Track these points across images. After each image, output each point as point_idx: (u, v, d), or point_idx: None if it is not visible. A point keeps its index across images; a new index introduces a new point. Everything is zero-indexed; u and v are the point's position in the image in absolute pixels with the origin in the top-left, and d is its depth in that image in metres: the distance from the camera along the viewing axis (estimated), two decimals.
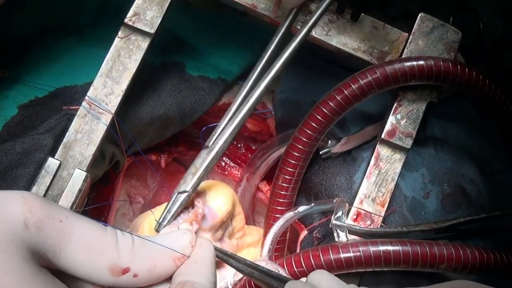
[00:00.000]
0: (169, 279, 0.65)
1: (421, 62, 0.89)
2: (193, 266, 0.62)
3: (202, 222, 0.88)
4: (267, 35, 1.09)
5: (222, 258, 0.70)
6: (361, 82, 0.89)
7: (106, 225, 0.59)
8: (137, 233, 0.84)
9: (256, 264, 0.70)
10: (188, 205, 0.87)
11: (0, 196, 0.52)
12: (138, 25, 0.88)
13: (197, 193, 0.90)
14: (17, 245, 0.48)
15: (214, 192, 0.93)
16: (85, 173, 0.85)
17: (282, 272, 0.84)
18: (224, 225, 0.95)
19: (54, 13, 1.05)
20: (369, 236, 0.90)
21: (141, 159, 1.05)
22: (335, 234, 0.90)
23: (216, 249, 0.71)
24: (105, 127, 0.86)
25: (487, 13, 1.14)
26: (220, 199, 0.93)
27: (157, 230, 0.80)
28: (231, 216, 0.97)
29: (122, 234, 0.59)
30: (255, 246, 1.05)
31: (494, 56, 1.19)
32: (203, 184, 0.92)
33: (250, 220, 1.17)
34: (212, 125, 0.90)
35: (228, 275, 0.93)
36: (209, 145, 0.86)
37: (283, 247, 1.01)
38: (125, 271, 0.56)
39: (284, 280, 0.65)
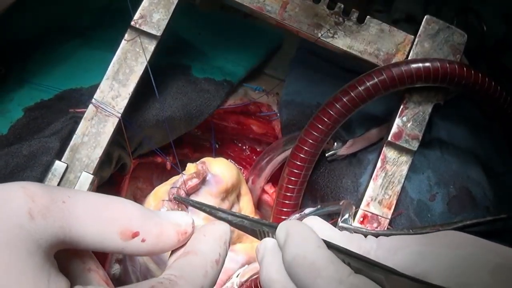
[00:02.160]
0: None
1: (427, 64, 0.89)
2: (201, 238, 0.62)
3: (206, 185, 0.89)
4: (272, 37, 1.09)
5: (210, 212, 0.69)
6: (368, 84, 0.89)
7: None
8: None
9: (245, 215, 0.69)
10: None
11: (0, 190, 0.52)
12: (144, 28, 0.88)
13: (200, 161, 0.91)
14: (22, 240, 0.48)
15: (218, 162, 0.96)
16: (92, 176, 0.85)
17: None
18: (230, 198, 0.96)
19: (58, 15, 1.05)
20: None
21: (145, 162, 1.05)
22: None
23: (201, 203, 0.70)
24: (112, 130, 0.86)
25: (488, 15, 1.14)
26: (224, 168, 0.96)
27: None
28: (237, 190, 0.98)
29: (129, 202, 0.59)
30: None
31: (495, 58, 1.19)
32: (206, 158, 0.95)
33: None
34: None
35: (234, 275, 0.94)
36: None
37: None
38: (135, 234, 0.57)
39: (275, 226, 0.64)
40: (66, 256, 0.56)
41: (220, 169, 0.95)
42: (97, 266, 0.60)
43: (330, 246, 0.58)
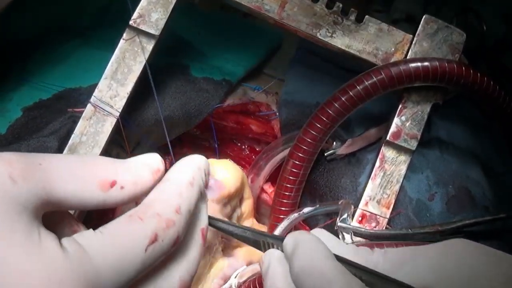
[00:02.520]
0: None
1: (426, 64, 0.89)
2: (172, 169, 0.62)
3: (208, 191, 0.89)
4: (272, 36, 1.09)
5: (212, 223, 0.69)
6: (366, 83, 0.89)
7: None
8: None
9: (248, 226, 0.68)
10: None
11: None
12: (143, 27, 0.88)
13: None
14: (8, 203, 0.48)
15: (222, 166, 0.94)
16: None
17: None
18: (233, 203, 0.96)
19: (58, 15, 1.05)
20: (374, 238, 0.90)
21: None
22: (340, 236, 0.90)
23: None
24: (110, 130, 0.86)
25: (488, 15, 1.14)
26: (228, 172, 0.94)
27: None
28: (240, 195, 0.97)
29: (99, 156, 0.60)
30: None
31: (496, 58, 1.19)
32: (212, 160, 0.93)
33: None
34: None
35: (232, 276, 0.94)
36: None
37: None
38: (113, 183, 0.57)
39: (280, 238, 0.64)
40: (51, 221, 0.56)
41: (224, 174, 0.94)
42: (83, 228, 0.60)
43: (339, 259, 0.58)
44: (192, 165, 0.63)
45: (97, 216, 0.93)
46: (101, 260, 0.50)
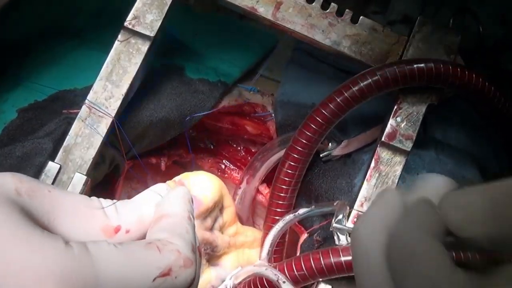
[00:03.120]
0: None
1: (421, 65, 0.89)
2: (167, 202, 0.62)
3: None
4: (267, 37, 1.09)
5: None
6: (361, 84, 0.89)
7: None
8: None
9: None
10: None
11: None
12: (138, 29, 0.88)
13: (180, 182, 0.90)
14: (10, 205, 0.49)
15: (198, 181, 0.93)
16: (85, 177, 0.84)
17: (282, 278, 0.84)
18: (213, 215, 0.96)
19: (53, 15, 1.05)
20: None
21: (139, 163, 1.05)
22: (335, 237, 0.89)
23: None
24: (105, 131, 0.86)
25: (486, 16, 1.14)
26: (205, 187, 0.94)
27: None
28: (219, 206, 0.97)
29: (104, 200, 0.60)
30: (250, 247, 1.05)
31: (494, 59, 1.19)
32: (187, 173, 0.93)
33: (250, 222, 1.17)
34: None
35: (227, 277, 0.94)
36: None
37: (281, 249, 1.01)
38: (117, 229, 0.57)
39: None
40: None
41: (200, 189, 0.93)
42: None
43: None
44: (184, 199, 0.63)
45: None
46: (103, 270, 0.49)
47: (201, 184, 0.93)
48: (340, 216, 0.90)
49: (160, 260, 0.53)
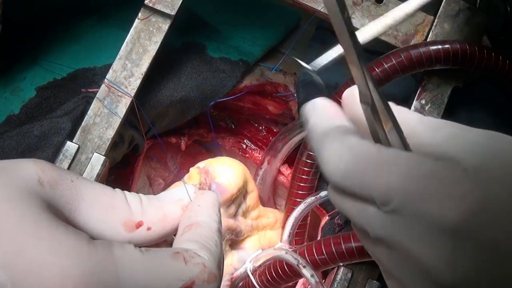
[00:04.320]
0: None
1: (447, 46, 0.87)
2: (198, 210, 0.62)
3: None
4: (289, 15, 1.07)
5: None
6: (385, 65, 0.87)
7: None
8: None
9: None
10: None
11: (11, 161, 0.53)
12: (158, 7, 0.86)
13: (204, 169, 0.90)
14: (33, 197, 0.49)
15: (223, 168, 0.93)
16: (104, 157, 0.84)
17: (302, 262, 0.83)
18: (236, 201, 0.95)
19: None
20: None
21: (159, 143, 1.05)
22: None
23: None
24: (124, 111, 0.85)
25: None
26: (229, 174, 0.94)
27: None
28: (243, 192, 0.97)
29: (129, 193, 0.59)
30: (271, 228, 1.05)
31: None
32: (211, 160, 0.93)
33: (271, 203, 1.16)
34: None
35: (247, 260, 0.93)
36: None
37: (303, 231, 1.00)
38: (139, 224, 0.57)
39: None
40: None
41: (226, 177, 0.94)
42: None
43: None
44: (214, 208, 0.62)
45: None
46: (126, 276, 0.49)
47: (225, 172, 0.93)
48: None
49: (184, 272, 0.52)
